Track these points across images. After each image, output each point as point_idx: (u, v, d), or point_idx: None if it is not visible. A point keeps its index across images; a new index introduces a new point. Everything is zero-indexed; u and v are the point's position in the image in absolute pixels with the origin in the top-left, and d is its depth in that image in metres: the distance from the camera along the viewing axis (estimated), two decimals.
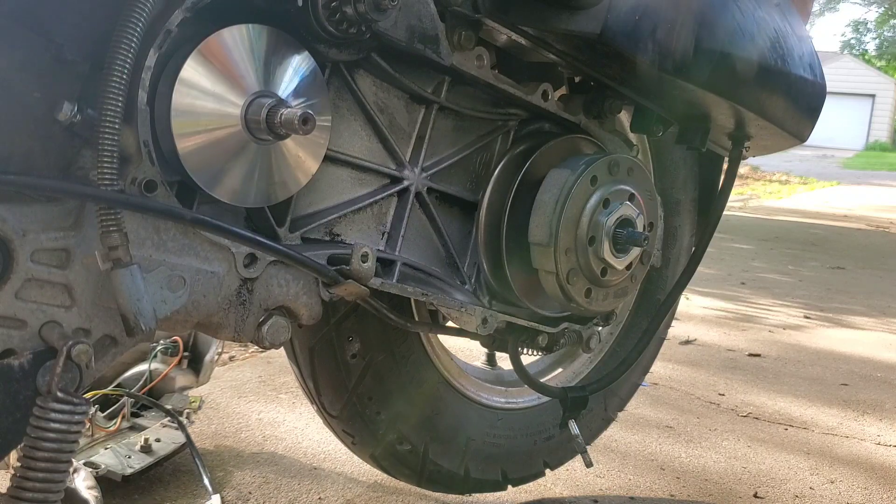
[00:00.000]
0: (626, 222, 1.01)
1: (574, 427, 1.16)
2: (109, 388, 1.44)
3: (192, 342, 1.55)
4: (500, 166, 1.01)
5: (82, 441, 1.31)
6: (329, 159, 0.85)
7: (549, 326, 1.10)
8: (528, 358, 1.21)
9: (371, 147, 0.89)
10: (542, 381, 1.27)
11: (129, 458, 1.30)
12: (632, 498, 1.47)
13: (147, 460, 1.31)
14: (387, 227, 0.92)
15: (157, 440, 1.37)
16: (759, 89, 1.03)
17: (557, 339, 1.12)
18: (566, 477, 1.51)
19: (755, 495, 1.53)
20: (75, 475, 1.20)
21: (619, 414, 1.49)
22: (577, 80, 1.10)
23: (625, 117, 1.19)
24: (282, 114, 0.69)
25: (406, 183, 0.92)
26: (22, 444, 0.62)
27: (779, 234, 5.99)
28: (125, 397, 1.42)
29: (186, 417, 1.44)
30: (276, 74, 0.73)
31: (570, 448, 1.36)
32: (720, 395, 2.13)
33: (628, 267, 1.04)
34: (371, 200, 0.89)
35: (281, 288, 0.80)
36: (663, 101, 1.05)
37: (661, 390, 2.13)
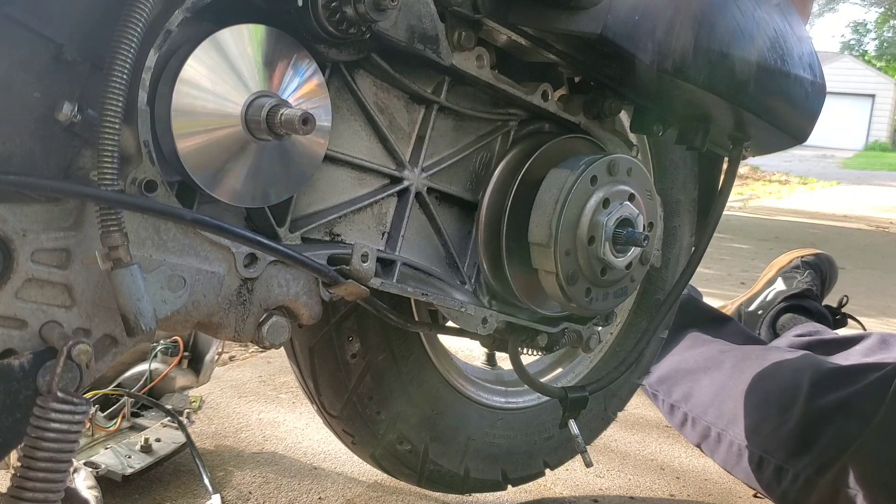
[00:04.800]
0: (625, 222, 1.01)
1: (574, 427, 1.16)
2: (109, 388, 1.44)
3: (192, 342, 1.55)
4: (500, 166, 1.01)
5: (82, 441, 1.31)
6: (329, 159, 0.85)
7: (548, 326, 1.10)
8: (527, 358, 1.21)
9: (371, 147, 0.89)
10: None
11: (129, 458, 1.30)
12: (632, 498, 1.47)
13: (147, 460, 1.31)
14: (387, 227, 0.92)
15: (157, 440, 1.37)
16: (759, 89, 1.03)
17: (557, 339, 1.12)
18: (566, 477, 1.51)
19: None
20: (75, 475, 1.20)
21: (619, 414, 1.49)
22: (577, 80, 1.10)
23: (625, 117, 1.19)
24: (282, 114, 0.69)
25: (406, 183, 0.92)
26: (22, 444, 0.62)
27: (779, 234, 5.99)
28: (125, 397, 1.42)
29: (186, 417, 1.44)
30: (277, 75, 0.73)
31: (570, 447, 1.36)
32: None
33: (628, 267, 1.04)
34: (371, 200, 0.89)
35: (281, 288, 0.80)
36: (663, 101, 1.05)
37: None
